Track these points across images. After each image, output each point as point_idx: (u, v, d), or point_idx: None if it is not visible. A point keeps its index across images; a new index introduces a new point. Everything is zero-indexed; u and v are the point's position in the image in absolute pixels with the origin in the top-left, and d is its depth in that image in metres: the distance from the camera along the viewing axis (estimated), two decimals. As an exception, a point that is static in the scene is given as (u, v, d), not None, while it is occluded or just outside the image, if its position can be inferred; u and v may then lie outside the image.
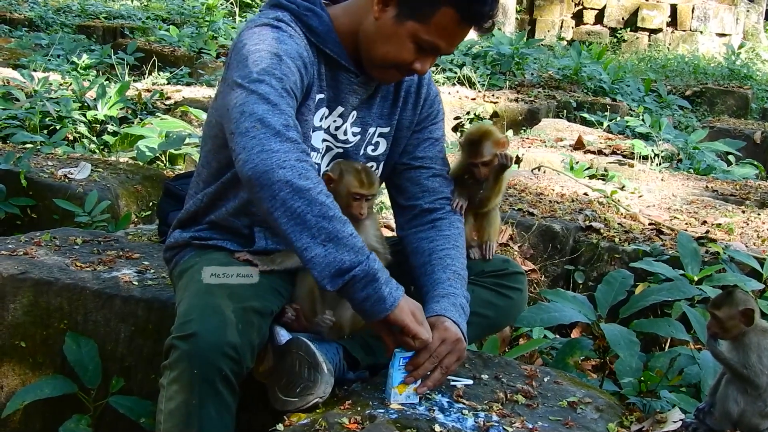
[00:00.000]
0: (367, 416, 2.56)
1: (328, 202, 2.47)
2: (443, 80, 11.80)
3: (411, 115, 3.09)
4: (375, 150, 3.06)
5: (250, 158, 2.46)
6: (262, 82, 2.57)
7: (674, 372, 3.65)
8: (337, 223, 2.46)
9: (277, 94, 2.56)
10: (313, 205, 2.44)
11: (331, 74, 2.88)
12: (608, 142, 8.50)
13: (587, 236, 5.04)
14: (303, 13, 2.82)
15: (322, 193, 2.46)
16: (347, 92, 2.93)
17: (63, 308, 3.44)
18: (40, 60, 10.54)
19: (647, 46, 20.94)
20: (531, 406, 2.75)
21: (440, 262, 2.98)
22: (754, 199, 6.61)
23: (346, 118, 2.97)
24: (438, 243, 3.04)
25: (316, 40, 2.82)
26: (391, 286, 2.53)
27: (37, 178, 5.27)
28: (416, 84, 3.09)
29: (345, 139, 2.99)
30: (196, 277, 2.81)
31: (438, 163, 3.15)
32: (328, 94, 2.90)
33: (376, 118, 3.03)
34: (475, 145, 3.09)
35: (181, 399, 2.53)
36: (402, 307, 2.54)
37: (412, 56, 2.76)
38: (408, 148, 3.12)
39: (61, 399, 3.37)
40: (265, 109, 2.52)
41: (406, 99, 3.08)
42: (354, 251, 2.47)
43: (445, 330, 2.73)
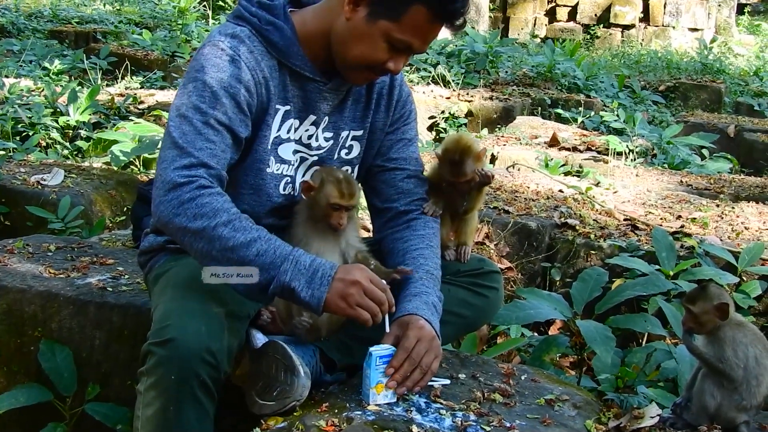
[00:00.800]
0: (345, 418, 2.55)
1: (225, 233, 2.56)
2: (417, 79, 11.80)
3: (384, 117, 3.09)
4: (349, 153, 3.05)
5: (155, 210, 2.64)
6: (185, 119, 2.67)
7: (651, 367, 3.66)
8: (241, 250, 2.56)
9: (194, 133, 2.66)
10: (213, 242, 2.56)
11: (298, 85, 2.89)
12: (583, 138, 8.53)
13: (563, 233, 5.05)
14: (264, 28, 2.82)
15: (218, 225, 2.56)
16: (317, 100, 2.93)
17: (37, 316, 3.42)
18: (12, 66, 10.47)
19: (620, 42, 21.01)
20: (508, 405, 2.75)
21: (413, 262, 2.98)
22: (728, 193, 6.65)
23: (319, 125, 2.96)
24: (412, 243, 3.05)
25: (278, 54, 2.82)
26: (313, 285, 2.56)
27: (10, 185, 5.23)
28: (388, 86, 3.08)
29: (318, 145, 2.99)
30: (171, 281, 2.80)
31: (412, 163, 3.15)
32: (297, 105, 2.90)
33: (349, 122, 3.02)
34: (456, 164, 3.06)
35: (159, 405, 2.52)
36: (330, 301, 2.57)
37: (386, 56, 2.76)
38: (382, 149, 3.12)
39: (37, 407, 3.34)
40: (172, 156, 2.64)
41: (379, 101, 3.07)
42: (264, 270, 2.56)
43: (420, 329, 2.74)
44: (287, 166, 2.94)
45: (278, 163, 2.92)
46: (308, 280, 2.56)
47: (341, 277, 2.58)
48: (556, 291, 4.48)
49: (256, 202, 2.90)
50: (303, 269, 2.57)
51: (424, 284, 2.91)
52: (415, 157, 3.17)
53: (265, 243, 2.58)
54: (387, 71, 2.82)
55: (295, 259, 2.58)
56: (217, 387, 2.56)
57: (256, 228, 2.61)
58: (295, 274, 2.56)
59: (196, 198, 2.57)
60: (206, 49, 2.77)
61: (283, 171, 2.94)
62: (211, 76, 2.71)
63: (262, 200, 2.92)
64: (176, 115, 2.70)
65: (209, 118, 2.67)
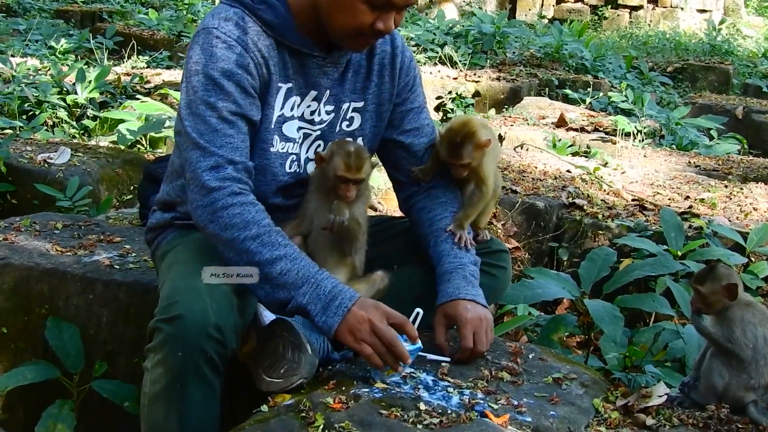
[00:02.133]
0: (352, 396, 2.55)
1: (253, 247, 2.62)
2: (425, 60, 11.77)
3: (390, 87, 3.07)
4: (350, 125, 3.04)
5: (193, 212, 2.72)
6: (198, 117, 2.71)
7: (659, 347, 3.65)
8: (266, 267, 2.63)
9: (211, 131, 2.70)
10: (241, 255, 2.64)
11: (297, 62, 2.87)
12: (590, 119, 8.50)
13: (570, 213, 5.04)
14: (257, 7, 2.80)
15: (246, 239, 2.63)
16: (317, 75, 2.92)
17: (44, 293, 3.42)
18: (18, 45, 10.46)
19: (628, 23, 20.93)
20: (516, 383, 2.75)
21: (441, 233, 3.04)
22: (737, 174, 6.63)
23: (320, 100, 2.95)
24: (436, 212, 3.09)
25: (274, 33, 2.81)
26: (328, 313, 2.59)
27: (17, 164, 5.23)
28: (390, 54, 3.06)
29: (320, 120, 2.98)
30: (179, 258, 2.80)
31: (426, 131, 3.16)
32: (297, 82, 2.89)
33: (349, 93, 3.01)
34: (455, 146, 3.02)
35: (166, 381, 2.52)
36: (341, 333, 2.59)
37: (369, 17, 2.71)
38: (394, 122, 3.11)
39: (44, 384, 3.35)
40: (196, 157, 2.69)
41: (381, 72, 3.05)
42: (285, 289, 2.63)
43: (469, 315, 2.85)
44: (292, 143, 2.93)
45: (283, 141, 2.91)
46: (324, 306, 2.59)
47: (356, 310, 2.59)
48: (564, 271, 4.47)
49: (261, 182, 2.90)
50: (322, 295, 2.60)
51: (457, 255, 2.97)
52: (427, 123, 3.17)
53: (289, 262, 2.63)
54: (380, 32, 2.76)
55: (316, 283, 2.62)
56: (224, 364, 2.56)
57: (285, 244, 2.66)
58: (313, 298, 2.60)
59: (229, 207, 2.64)
60: (201, 37, 2.77)
61: (288, 149, 2.93)
62: (212, 67, 2.72)
63: (268, 180, 2.92)
64: (189, 113, 2.73)
65: (221, 112, 2.70)
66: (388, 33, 2.78)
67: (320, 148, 3.00)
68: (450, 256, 2.98)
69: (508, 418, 2.48)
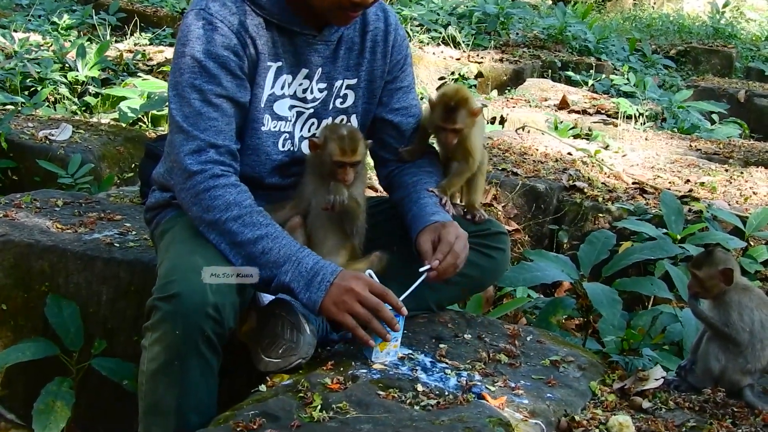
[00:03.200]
0: (350, 376, 2.56)
1: (235, 227, 2.66)
2: (428, 40, 11.73)
3: (382, 64, 3.08)
4: (344, 102, 3.05)
5: (177, 195, 2.81)
6: (184, 99, 2.74)
7: (657, 330, 3.66)
8: (248, 246, 2.66)
9: (195, 114, 2.72)
10: (224, 235, 2.68)
11: (288, 40, 2.88)
12: (593, 101, 8.49)
13: (571, 196, 5.04)
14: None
15: (228, 220, 2.67)
16: (308, 53, 2.92)
17: (44, 270, 3.43)
18: (21, 20, 10.42)
19: (632, 5, 20.86)
20: (513, 365, 2.76)
21: (423, 192, 3.06)
22: (738, 158, 6.62)
23: (312, 77, 2.95)
24: (420, 177, 3.12)
25: (263, 12, 2.81)
26: (311, 289, 2.61)
27: (18, 140, 5.24)
28: (383, 31, 3.06)
29: (312, 98, 2.98)
30: (177, 237, 2.80)
31: (413, 111, 3.18)
32: (288, 60, 2.90)
33: (342, 71, 3.01)
34: (449, 110, 3.03)
35: (164, 359, 2.53)
36: (326, 307, 2.61)
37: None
38: (383, 99, 3.13)
39: (43, 361, 3.36)
40: (180, 140, 2.73)
41: (374, 49, 3.05)
42: (267, 268, 2.66)
43: (456, 228, 2.88)
44: (284, 122, 2.94)
45: (274, 120, 2.92)
46: (307, 283, 2.61)
47: (338, 282, 2.61)
48: (564, 253, 4.47)
49: (256, 162, 2.91)
50: (304, 272, 2.62)
51: (439, 208, 3.00)
52: (415, 104, 3.19)
53: (271, 241, 2.65)
54: (360, 4, 2.74)
55: (298, 261, 2.64)
56: (222, 342, 2.58)
57: (266, 224, 2.68)
58: (295, 275, 2.62)
59: (210, 189, 2.68)
60: (189, 18, 2.78)
61: (281, 127, 2.94)
62: (198, 49, 2.73)
63: (262, 159, 2.93)
64: (174, 95, 2.77)
65: (206, 95, 2.72)
66: (366, 4, 2.76)
67: (314, 125, 3.01)
68: (432, 206, 3.00)
69: (505, 400, 2.50)
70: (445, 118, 3.03)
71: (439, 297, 3.11)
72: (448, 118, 3.03)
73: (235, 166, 2.77)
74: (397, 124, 3.14)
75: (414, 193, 3.06)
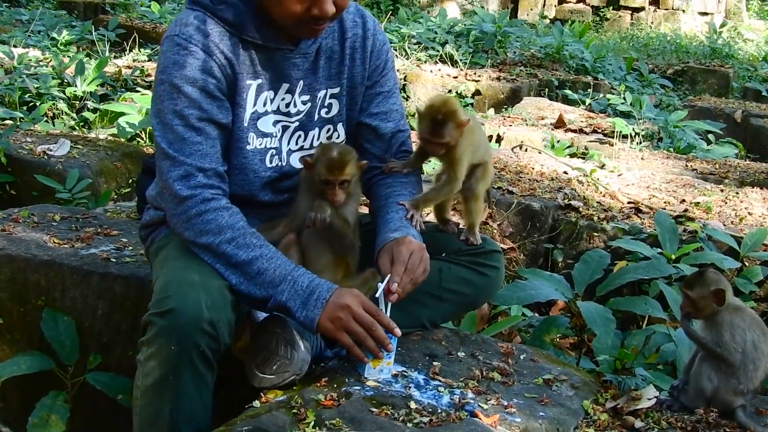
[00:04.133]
0: (343, 393, 2.57)
1: (229, 250, 2.69)
2: (425, 58, 11.78)
3: (361, 69, 3.09)
4: (329, 112, 3.07)
5: (169, 220, 2.83)
6: (167, 127, 2.76)
7: (650, 350, 3.67)
8: (243, 267, 2.68)
9: (179, 140, 2.75)
10: (219, 258, 2.70)
11: (265, 57, 2.90)
12: (589, 120, 8.52)
13: (566, 215, 5.06)
14: (217, 8, 2.83)
15: (222, 243, 2.69)
16: (287, 68, 2.94)
17: (40, 284, 3.44)
18: (20, 36, 10.45)
19: (629, 24, 20.93)
20: (507, 384, 2.77)
21: (394, 205, 3.03)
22: (733, 178, 6.64)
23: (294, 91, 2.97)
24: (394, 189, 3.10)
25: (236, 31, 2.84)
26: (308, 307, 2.64)
27: (16, 155, 5.25)
28: (361, 37, 3.08)
29: (296, 111, 3.00)
30: (172, 253, 2.82)
31: (394, 116, 3.18)
32: (268, 77, 2.92)
33: (324, 81, 3.03)
34: (436, 124, 2.98)
35: (159, 375, 2.54)
36: (322, 324, 2.63)
37: (299, 6, 2.72)
38: (363, 105, 3.13)
39: (39, 375, 3.37)
40: (167, 167, 2.75)
41: (353, 55, 3.07)
42: (263, 288, 2.68)
43: (410, 242, 2.84)
44: (270, 138, 2.96)
45: (259, 137, 2.94)
46: (303, 301, 2.64)
47: (334, 300, 2.63)
48: (558, 272, 4.48)
49: (245, 181, 2.93)
50: (300, 290, 2.65)
51: (404, 224, 2.96)
52: (395, 109, 3.19)
53: (266, 261, 2.68)
54: (320, 17, 2.75)
55: (293, 280, 2.66)
56: (217, 358, 2.59)
57: (260, 245, 2.71)
58: (292, 294, 2.65)
59: (202, 214, 2.71)
60: (165, 45, 2.82)
61: (266, 144, 2.96)
62: (176, 75, 2.75)
63: (250, 178, 2.95)
64: (157, 122, 2.79)
65: (188, 119, 2.74)
66: (326, 17, 2.76)
67: (301, 138, 3.03)
68: (396, 222, 2.96)
69: (498, 418, 2.51)
70: (432, 131, 2.99)
71: (433, 314, 3.12)
72: (435, 132, 2.99)
73: (224, 188, 2.79)
74: (375, 127, 3.14)
75: (384, 207, 3.05)
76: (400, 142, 3.19)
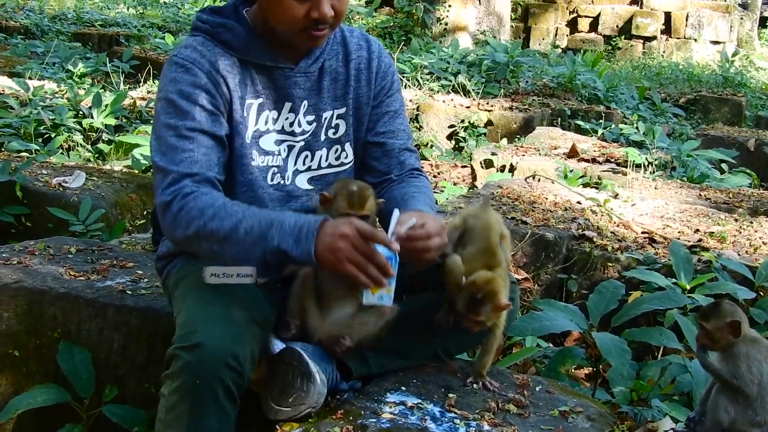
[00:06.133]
0: (359, 426, 2.57)
1: (215, 226, 2.67)
2: (438, 88, 11.82)
3: (367, 90, 3.13)
4: (336, 132, 3.09)
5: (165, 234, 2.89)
6: (160, 140, 2.81)
7: (666, 381, 3.66)
8: (232, 236, 2.66)
9: (171, 150, 2.78)
10: (210, 240, 2.69)
11: (265, 76, 2.95)
12: (602, 150, 8.51)
13: (580, 245, 5.05)
14: (216, 31, 2.91)
15: (207, 223, 2.68)
16: (289, 87, 2.98)
17: (56, 317, 3.45)
18: (36, 68, 10.53)
19: (642, 53, 20.96)
20: (523, 416, 2.77)
21: (411, 201, 3.01)
22: (747, 208, 6.62)
23: (298, 111, 3.01)
24: (409, 190, 3.10)
25: (235, 53, 2.91)
26: (300, 241, 2.62)
27: (32, 187, 5.28)
28: (366, 59, 3.13)
29: (301, 131, 3.03)
30: (192, 285, 2.83)
31: (401, 136, 3.20)
32: (269, 96, 2.97)
33: (330, 101, 3.06)
34: (474, 303, 2.83)
35: (183, 409, 2.54)
36: (321, 255, 2.61)
37: (300, 10, 2.77)
38: (370, 125, 3.16)
39: (54, 408, 3.37)
40: (158, 180, 2.78)
41: (358, 76, 3.11)
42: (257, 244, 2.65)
43: (434, 219, 2.80)
44: (272, 156, 2.99)
45: (262, 155, 2.97)
46: (296, 239, 2.62)
47: (330, 231, 2.62)
48: (573, 303, 4.47)
49: (253, 199, 2.95)
50: (288, 230, 2.64)
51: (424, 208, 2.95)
52: (403, 129, 3.21)
53: (250, 220, 2.67)
54: (320, 21, 2.79)
55: (280, 223, 2.66)
56: (240, 393, 2.59)
57: (242, 210, 2.71)
58: (282, 236, 2.63)
59: (183, 207, 2.70)
60: (165, 67, 2.90)
61: (268, 162, 2.99)
62: (171, 91, 2.82)
63: (258, 194, 2.97)
64: (153, 138, 2.85)
65: (180, 130, 2.78)
66: (325, 20, 2.79)
67: (308, 158, 3.05)
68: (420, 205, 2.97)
69: (514, 450, 2.51)
70: (470, 308, 2.85)
71: (449, 345, 3.13)
72: (472, 310, 2.85)
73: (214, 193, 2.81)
74: (382, 143, 3.16)
75: (402, 202, 3.02)
76: (409, 160, 3.21)
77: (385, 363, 2.97)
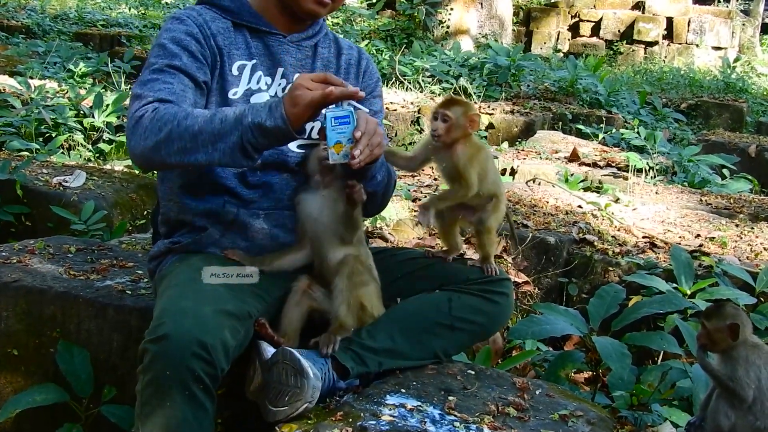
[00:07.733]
0: (359, 428, 2.57)
1: (188, 122, 2.73)
2: (439, 91, 11.82)
3: (355, 83, 3.23)
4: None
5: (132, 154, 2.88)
6: (143, 73, 2.94)
7: (666, 385, 3.66)
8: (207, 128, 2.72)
9: (151, 80, 2.89)
10: (184, 137, 2.73)
11: (260, 41, 3.12)
12: (603, 154, 8.52)
13: (581, 249, 5.05)
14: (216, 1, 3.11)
15: (179, 122, 2.74)
16: (281, 53, 3.14)
17: (56, 317, 3.44)
18: (37, 67, 10.52)
19: (643, 58, 20.97)
20: (522, 419, 2.76)
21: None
22: (748, 213, 6.62)
23: (289, 78, 3.12)
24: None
25: (232, 17, 3.09)
26: (272, 111, 2.69)
27: (32, 186, 5.26)
28: (356, 57, 3.32)
29: None
30: (172, 282, 2.86)
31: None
32: (262, 60, 3.11)
33: None
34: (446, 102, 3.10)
35: (156, 402, 2.54)
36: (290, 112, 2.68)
37: None
38: None
39: (53, 407, 3.36)
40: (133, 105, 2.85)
41: (348, 69, 3.29)
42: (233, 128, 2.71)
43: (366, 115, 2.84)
44: None
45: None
46: (268, 111, 2.70)
47: (288, 91, 2.71)
48: (573, 306, 4.47)
49: None
50: (260, 107, 2.73)
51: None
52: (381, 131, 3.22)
53: (223, 111, 2.77)
54: None
55: (252, 105, 2.75)
56: (215, 385, 2.57)
57: (211, 110, 2.85)
58: (255, 113, 2.71)
59: (155, 116, 2.78)
60: (163, 23, 3.08)
61: None
62: (164, 38, 2.99)
63: None
64: (138, 77, 2.96)
65: (163, 66, 2.91)
66: None
67: None
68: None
69: (514, 453, 2.50)
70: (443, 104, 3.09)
71: (446, 344, 3.12)
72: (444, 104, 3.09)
73: None
74: None
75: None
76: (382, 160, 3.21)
77: (382, 362, 2.96)
